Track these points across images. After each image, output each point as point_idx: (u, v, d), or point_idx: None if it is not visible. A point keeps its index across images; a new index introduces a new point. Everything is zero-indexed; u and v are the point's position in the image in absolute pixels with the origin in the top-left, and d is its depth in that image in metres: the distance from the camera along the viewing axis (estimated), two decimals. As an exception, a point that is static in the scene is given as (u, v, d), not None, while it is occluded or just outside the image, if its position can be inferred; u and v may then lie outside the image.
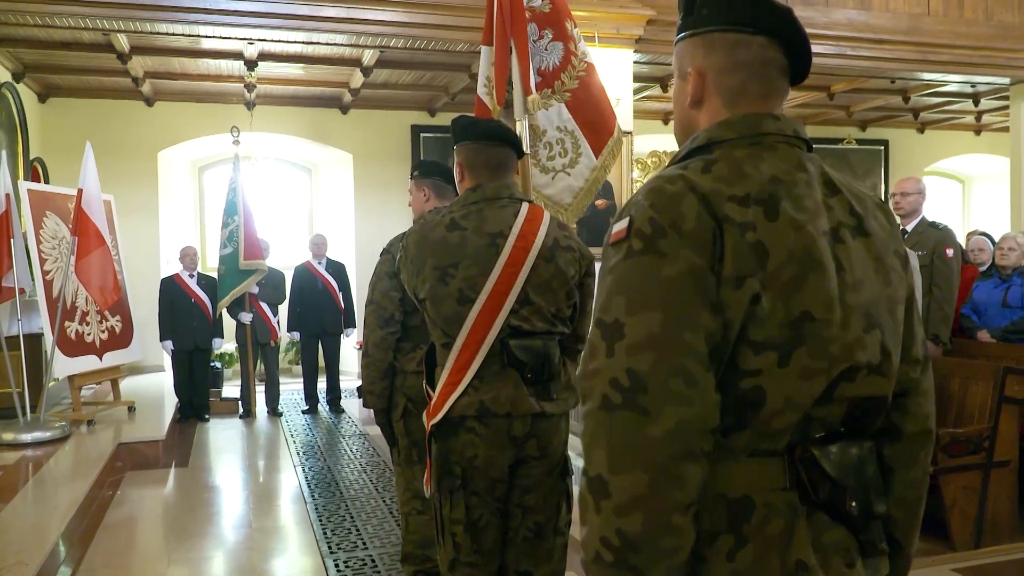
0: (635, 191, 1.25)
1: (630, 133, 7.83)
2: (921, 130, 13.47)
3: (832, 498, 1.19)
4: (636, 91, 9.10)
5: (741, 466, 1.19)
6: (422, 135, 11.11)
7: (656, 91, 10.08)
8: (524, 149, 2.89)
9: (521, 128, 3.23)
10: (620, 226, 1.19)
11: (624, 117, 7.79)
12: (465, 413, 2.34)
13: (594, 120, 3.41)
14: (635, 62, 7.95)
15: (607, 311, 1.15)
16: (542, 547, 2.46)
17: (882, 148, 13.31)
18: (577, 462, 1.84)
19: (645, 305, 1.12)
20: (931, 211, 5.85)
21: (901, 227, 5.41)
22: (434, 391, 2.42)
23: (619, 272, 1.16)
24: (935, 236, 5.22)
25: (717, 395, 1.13)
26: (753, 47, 1.26)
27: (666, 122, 12.30)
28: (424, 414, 2.45)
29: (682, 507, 1.10)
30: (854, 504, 1.20)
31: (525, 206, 2.45)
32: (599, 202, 7.72)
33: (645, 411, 1.09)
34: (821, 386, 1.18)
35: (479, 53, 5.93)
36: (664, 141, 12.29)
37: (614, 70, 7.73)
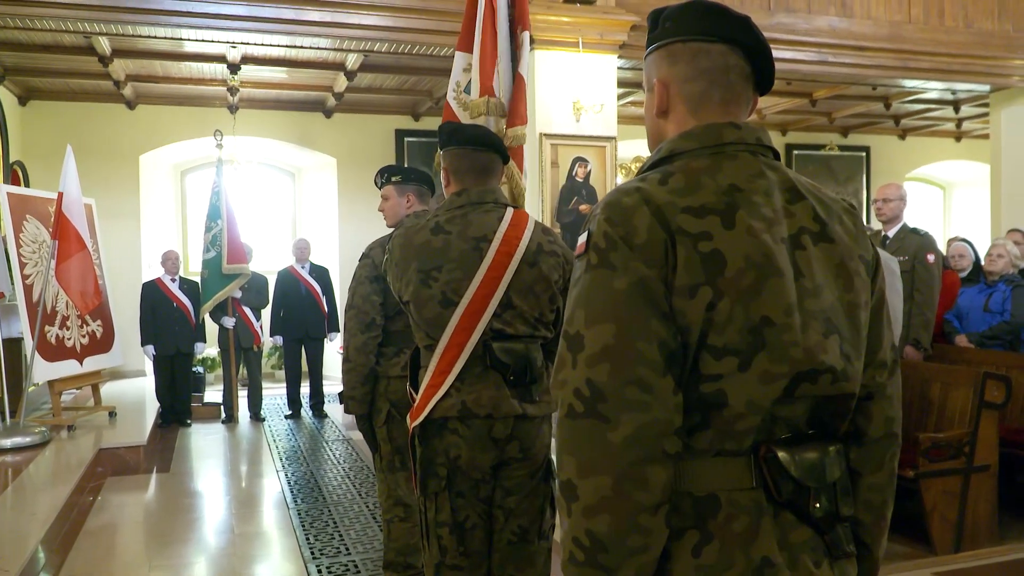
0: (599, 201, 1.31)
1: (614, 138, 7.87)
2: (902, 136, 13.59)
3: (795, 498, 1.23)
4: (620, 96, 9.14)
5: (707, 465, 1.22)
6: (406, 139, 11.11)
7: (640, 96, 10.13)
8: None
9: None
10: (581, 239, 1.25)
11: (608, 122, 7.84)
12: (447, 415, 2.36)
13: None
14: (619, 67, 7.99)
15: (571, 323, 1.21)
16: (526, 551, 2.47)
17: (864, 154, 13.42)
18: None
19: (600, 317, 1.17)
20: (912, 217, 5.91)
21: (883, 233, 5.46)
22: (417, 393, 2.44)
23: (580, 285, 1.21)
24: (916, 242, 5.27)
25: (677, 397, 1.17)
26: (713, 55, 1.31)
27: (650, 127, 12.35)
28: (408, 417, 2.47)
29: (648, 508, 1.14)
30: (818, 505, 1.24)
31: (510, 211, 2.47)
32: (583, 207, 7.75)
33: (605, 419, 1.14)
34: (781, 388, 1.21)
35: None
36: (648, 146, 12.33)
37: (598, 76, 7.76)
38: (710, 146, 1.29)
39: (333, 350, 10.25)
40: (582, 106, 7.60)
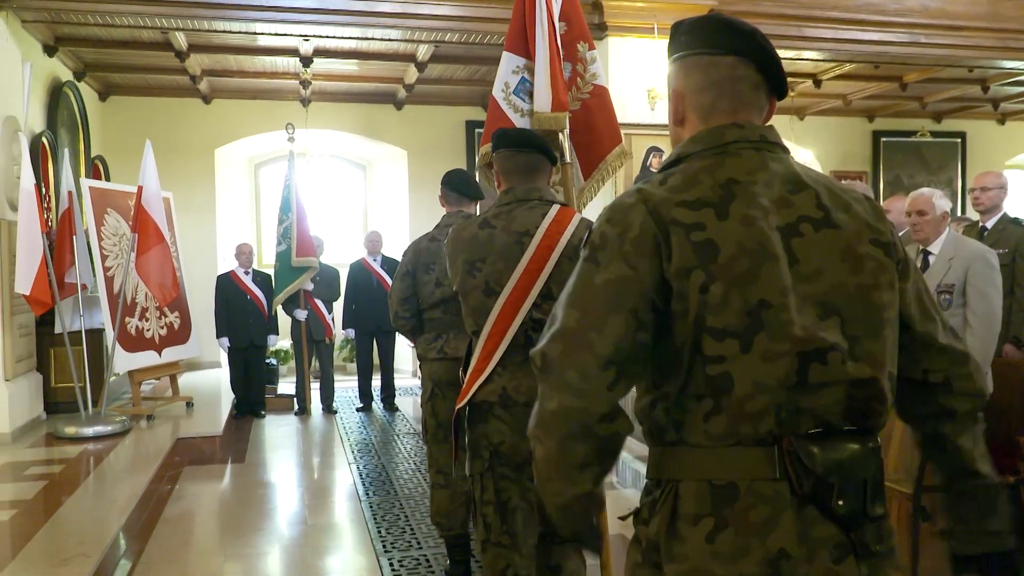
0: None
1: (691, 127, 7.76)
2: (1001, 121, 13.07)
3: (817, 493, 1.26)
4: (697, 83, 9.01)
5: (727, 454, 1.29)
6: (477, 131, 11.15)
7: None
8: (566, 157, 3.12)
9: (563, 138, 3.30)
10: (584, 237, 1.41)
11: (685, 110, 7.72)
12: (489, 399, 2.55)
13: (588, 142, 3.48)
14: (696, 53, 7.88)
15: (558, 300, 1.36)
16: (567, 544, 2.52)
17: (959, 141, 12.95)
18: None
19: (572, 303, 1.32)
20: (1013, 207, 5.67)
21: (981, 224, 5.26)
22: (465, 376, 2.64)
23: (573, 275, 1.37)
24: (1018, 233, 5.06)
25: (612, 393, 1.30)
26: (722, 67, 1.42)
27: (728, 115, 12.16)
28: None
29: (577, 467, 1.33)
30: (841, 503, 1.27)
31: (555, 208, 2.63)
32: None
33: (545, 390, 1.32)
34: (786, 368, 1.27)
35: None
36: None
37: (675, 62, 7.66)
38: (713, 147, 1.40)
39: (404, 343, 10.38)
40: (657, 94, 7.51)
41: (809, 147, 12.06)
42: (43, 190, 7.48)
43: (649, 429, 1.38)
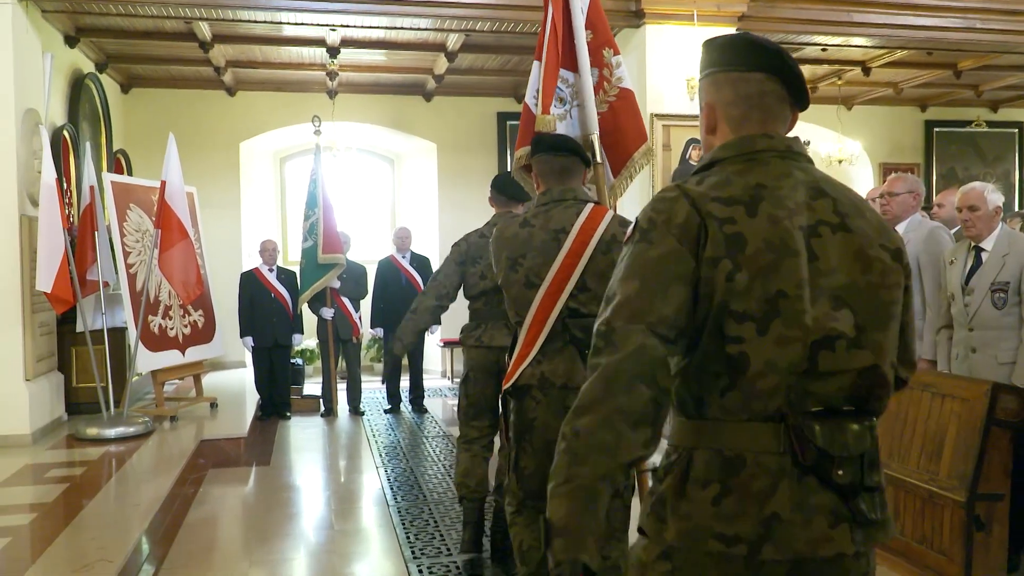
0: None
1: (732, 117, 7.69)
2: (1061, 110, 12.84)
3: (819, 465, 1.47)
4: (739, 72, 8.93)
5: (739, 428, 1.50)
6: (508, 123, 11.16)
7: (761, 72, 9.87)
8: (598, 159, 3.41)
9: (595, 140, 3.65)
10: (629, 230, 1.58)
11: (726, 100, 7.66)
12: (529, 382, 2.91)
13: (615, 142, 3.74)
14: (738, 41, 7.81)
15: (611, 284, 1.54)
16: None
17: (1016, 131, 12.73)
18: None
19: (631, 276, 1.50)
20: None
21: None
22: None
23: (623, 259, 1.55)
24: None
25: (674, 347, 1.49)
26: (752, 82, 1.63)
27: (772, 105, 12.03)
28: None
29: (634, 421, 1.43)
30: (840, 472, 1.47)
31: (589, 206, 2.95)
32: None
33: (606, 358, 1.47)
34: (798, 353, 1.47)
35: None
36: (769, 126, 12.01)
37: (715, 50, 7.59)
38: (744, 153, 1.60)
39: (433, 343, 10.40)
40: (696, 84, 7.45)
41: (857, 138, 11.90)
42: (64, 185, 7.59)
43: (674, 402, 1.59)
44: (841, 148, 11.46)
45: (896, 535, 3.84)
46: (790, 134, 1.68)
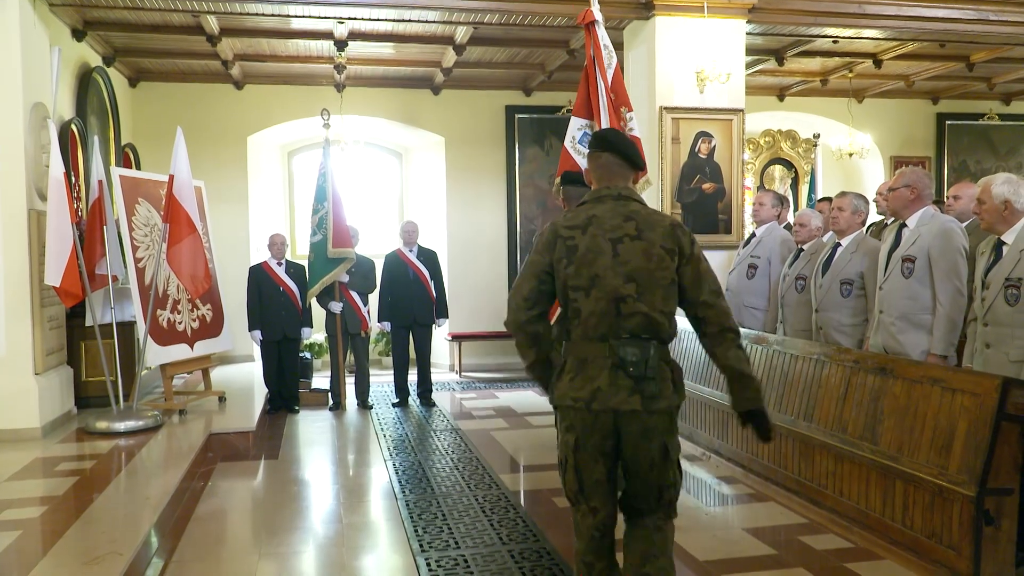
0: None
1: (741, 111, 7.68)
2: (1075, 103, 12.78)
3: (622, 364, 2.87)
4: (748, 65, 8.92)
5: (583, 344, 2.95)
6: (517, 116, 11.16)
7: (771, 64, 9.85)
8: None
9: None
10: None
11: (735, 93, 7.67)
12: None
13: None
14: (748, 33, 7.79)
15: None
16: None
17: (1029, 124, 12.68)
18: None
19: (521, 272, 3.06)
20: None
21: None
22: None
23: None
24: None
25: (536, 301, 3.01)
26: (601, 158, 3.15)
27: (781, 98, 12.02)
28: None
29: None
30: (631, 369, 2.87)
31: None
32: (706, 186, 7.62)
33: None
34: (606, 305, 2.89)
35: (577, 28, 6.46)
36: (779, 119, 12.00)
37: (725, 42, 7.60)
38: (594, 198, 3.08)
39: (441, 337, 10.44)
40: (707, 76, 7.44)
41: (868, 131, 11.86)
42: (73, 179, 7.62)
43: (559, 335, 3.07)
44: (851, 141, 11.42)
45: (904, 528, 3.90)
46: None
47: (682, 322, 3.20)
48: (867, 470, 4.44)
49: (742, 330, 6.13)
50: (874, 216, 6.92)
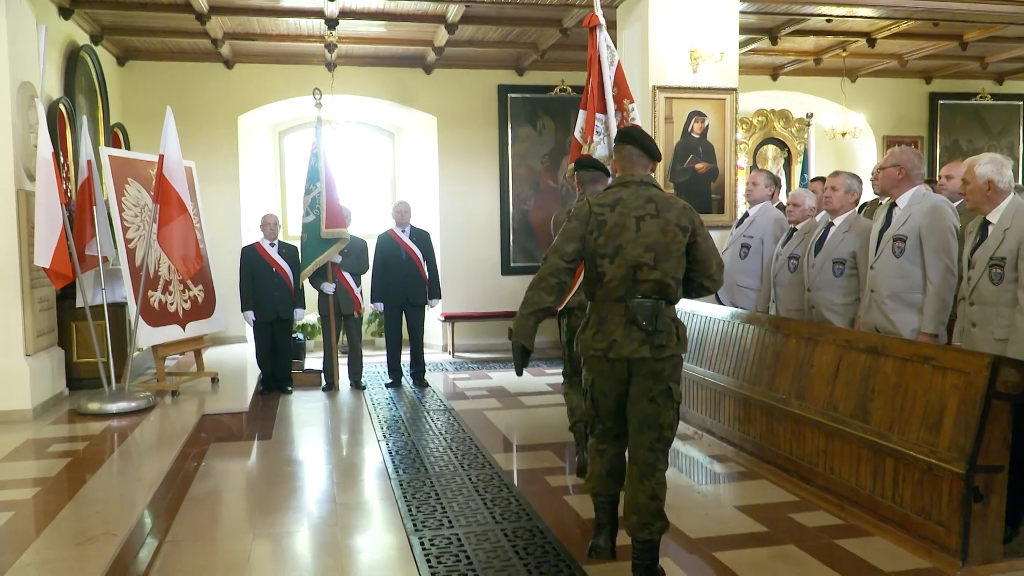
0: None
1: (735, 90, 7.67)
2: (1067, 82, 12.79)
3: (635, 319, 3.53)
4: (742, 44, 8.90)
5: (606, 305, 3.61)
6: (510, 95, 11.12)
7: (764, 43, 9.82)
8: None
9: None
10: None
11: (728, 73, 7.66)
12: (570, 305, 5.13)
13: None
14: (741, 12, 7.77)
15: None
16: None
17: (1021, 103, 12.70)
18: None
19: (561, 235, 3.68)
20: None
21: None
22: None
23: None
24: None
25: (570, 265, 3.65)
26: (625, 150, 3.77)
27: (775, 77, 11.99)
28: None
29: (544, 289, 3.64)
30: (645, 323, 3.51)
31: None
32: (699, 166, 7.62)
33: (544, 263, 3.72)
34: (626, 271, 3.53)
35: (570, 6, 6.44)
36: (773, 98, 11.99)
37: (718, 21, 7.59)
38: (619, 183, 3.70)
39: (434, 317, 10.44)
40: (700, 55, 7.43)
41: (860, 110, 11.86)
42: (61, 159, 7.59)
43: (586, 294, 3.69)
44: (844, 121, 11.43)
45: (894, 505, 3.94)
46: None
47: (680, 306, 3.98)
48: (858, 448, 4.48)
49: (734, 310, 6.18)
50: (869, 195, 6.93)
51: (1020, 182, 11.54)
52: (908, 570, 3.86)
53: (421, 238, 8.67)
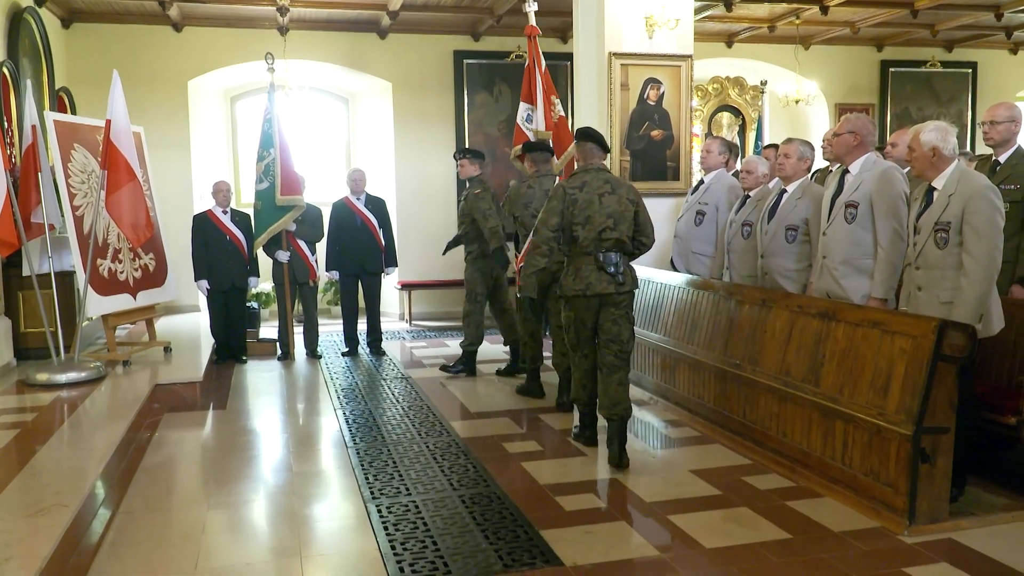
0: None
1: (690, 57, 7.67)
2: (1014, 51, 12.98)
3: (603, 266, 4.96)
4: (697, 10, 8.88)
5: (580, 258, 5.04)
6: (465, 61, 11.01)
7: (719, 10, 9.82)
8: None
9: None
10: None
11: (683, 39, 7.65)
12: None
13: (557, 144, 7.24)
14: (697, -22, 7.74)
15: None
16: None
17: (970, 71, 12.89)
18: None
19: (544, 212, 5.16)
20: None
21: (993, 158, 5.23)
22: None
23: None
24: (1029, 168, 5.04)
25: (555, 233, 5.05)
26: (586, 145, 5.20)
27: (730, 44, 12.01)
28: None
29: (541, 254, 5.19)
30: (611, 270, 4.95)
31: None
32: (655, 133, 7.63)
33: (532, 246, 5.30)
34: (594, 233, 4.97)
35: None
36: (728, 65, 12.01)
37: (674, -13, 7.53)
38: (583, 170, 5.15)
39: (390, 285, 10.38)
40: (655, 22, 7.41)
41: (813, 78, 11.95)
42: (5, 124, 7.37)
43: (565, 251, 5.16)
44: (798, 88, 11.50)
45: (843, 467, 4.03)
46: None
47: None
48: (809, 412, 4.55)
49: (689, 276, 6.23)
50: (821, 163, 6.99)
51: (968, 148, 11.74)
52: (857, 530, 3.94)
53: (376, 206, 8.59)
